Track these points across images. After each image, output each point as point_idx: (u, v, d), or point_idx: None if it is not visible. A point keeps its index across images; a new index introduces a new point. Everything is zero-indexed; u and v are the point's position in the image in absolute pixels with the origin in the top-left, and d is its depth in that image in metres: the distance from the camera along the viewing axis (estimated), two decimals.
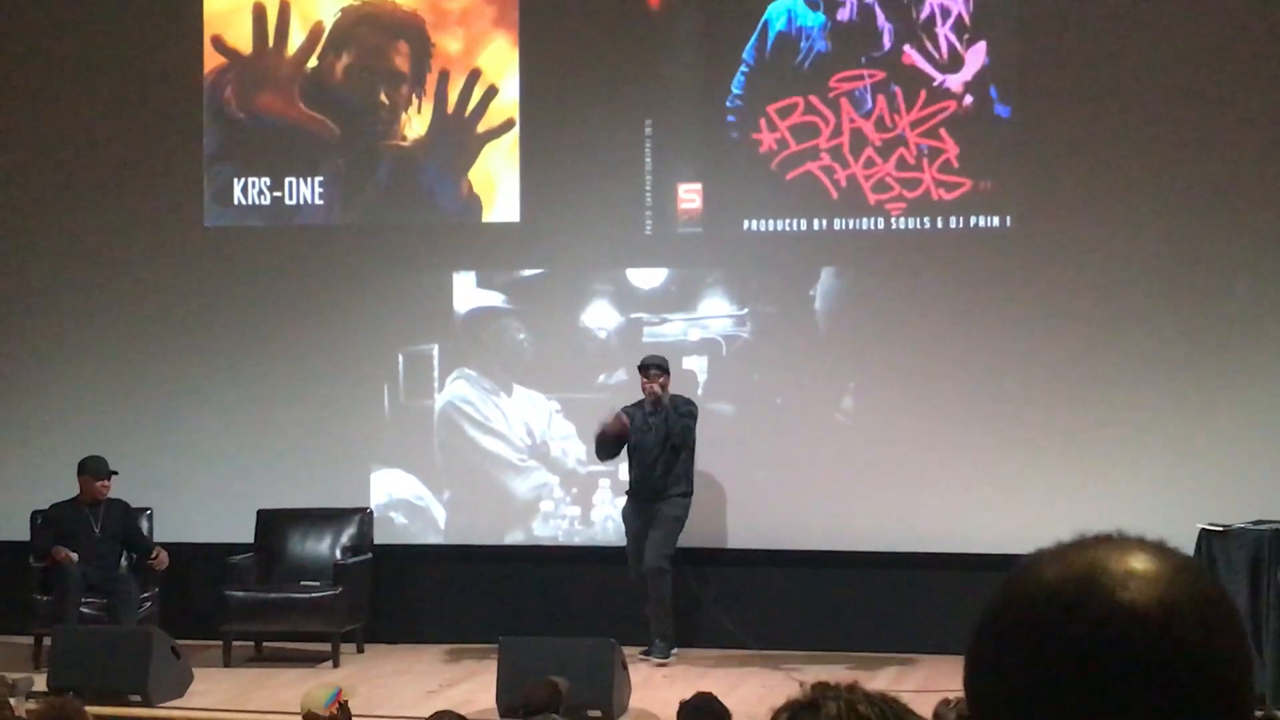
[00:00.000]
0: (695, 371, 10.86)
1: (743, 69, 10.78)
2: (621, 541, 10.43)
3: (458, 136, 11.17)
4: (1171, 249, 10.35)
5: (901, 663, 10.06)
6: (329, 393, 11.18)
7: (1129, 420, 10.34)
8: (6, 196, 11.57)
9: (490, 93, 11.13)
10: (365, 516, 10.89)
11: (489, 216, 11.15)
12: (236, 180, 11.35)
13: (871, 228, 10.70)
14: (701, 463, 10.39)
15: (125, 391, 11.36)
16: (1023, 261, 10.51)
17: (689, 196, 10.90)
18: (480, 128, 11.14)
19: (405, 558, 10.99)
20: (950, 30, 10.59)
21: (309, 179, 11.29)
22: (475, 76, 11.16)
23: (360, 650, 10.63)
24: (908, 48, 10.63)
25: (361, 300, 11.16)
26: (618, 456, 10.41)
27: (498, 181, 11.12)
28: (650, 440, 10.22)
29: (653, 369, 10.24)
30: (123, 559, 10.57)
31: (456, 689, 9.58)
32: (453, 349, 11.15)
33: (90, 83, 11.41)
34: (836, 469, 10.64)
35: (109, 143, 11.40)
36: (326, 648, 10.34)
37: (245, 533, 10.81)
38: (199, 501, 11.14)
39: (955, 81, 10.59)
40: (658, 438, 10.21)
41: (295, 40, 11.36)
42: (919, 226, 10.65)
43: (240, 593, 10.35)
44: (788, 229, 10.78)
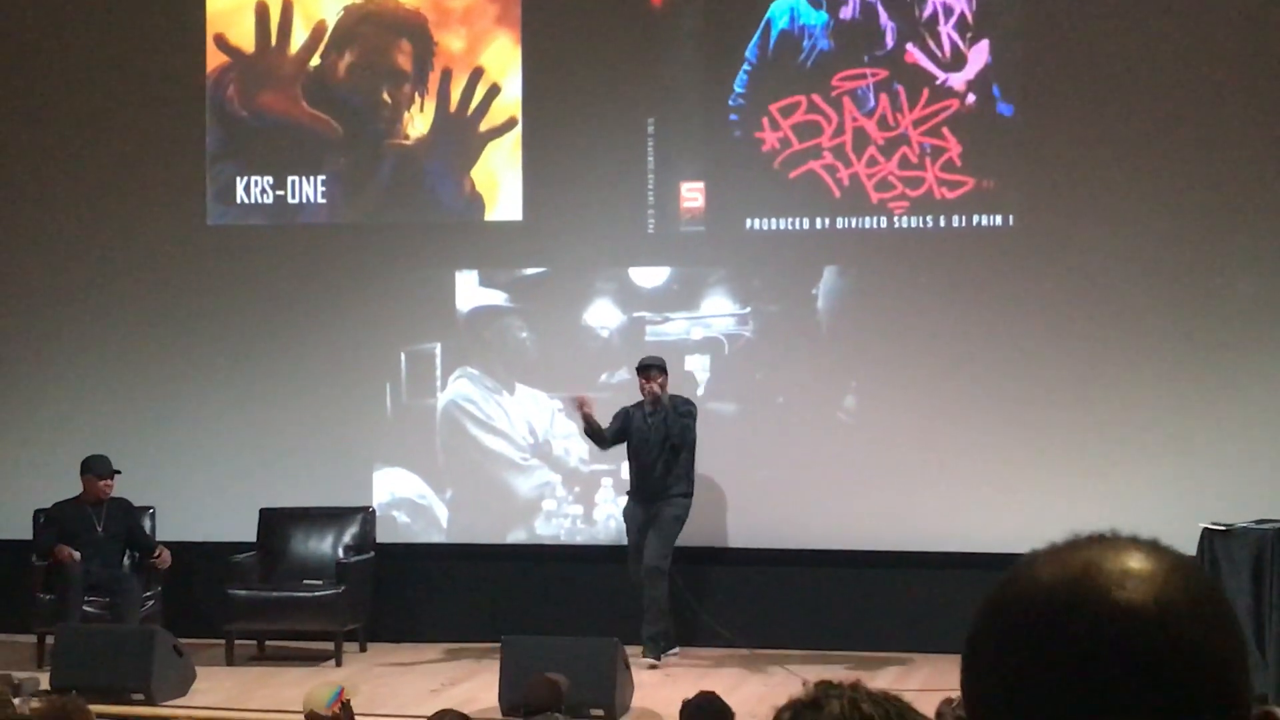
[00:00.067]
0: (697, 370, 10.86)
1: (745, 67, 10.78)
2: (623, 541, 10.42)
3: (460, 135, 11.17)
4: (1172, 249, 10.35)
5: (902, 662, 10.06)
6: (331, 391, 11.18)
7: (1131, 419, 10.34)
8: (8, 196, 11.57)
9: (493, 91, 11.13)
10: (368, 515, 10.88)
11: (491, 215, 11.15)
12: (239, 179, 11.36)
13: (874, 226, 10.70)
14: (703, 462, 10.38)
15: (128, 390, 11.37)
16: (1025, 261, 10.51)
17: (691, 195, 10.89)
18: (483, 126, 11.14)
19: (408, 557, 10.99)
20: (953, 29, 10.59)
21: (311, 178, 11.29)
22: (478, 75, 11.16)
23: (363, 649, 10.63)
24: (910, 46, 10.63)
25: (364, 299, 11.16)
26: (618, 444, 10.35)
27: (500, 180, 11.12)
28: (650, 440, 10.20)
29: (651, 369, 10.23)
30: (125, 558, 10.58)
31: (459, 688, 9.58)
32: (455, 348, 11.15)
33: (93, 82, 11.41)
34: (838, 468, 10.63)
35: (111, 142, 11.40)
36: (329, 646, 10.34)
37: (248, 531, 10.82)
38: (202, 500, 11.14)
39: (958, 80, 10.59)
40: (657, 438, 10.19)
41: (298, 39, 11.36)
42: (921, 225, 10.65)
43: (243, 591, 10.35)
44: (790, 228, 10.77)
